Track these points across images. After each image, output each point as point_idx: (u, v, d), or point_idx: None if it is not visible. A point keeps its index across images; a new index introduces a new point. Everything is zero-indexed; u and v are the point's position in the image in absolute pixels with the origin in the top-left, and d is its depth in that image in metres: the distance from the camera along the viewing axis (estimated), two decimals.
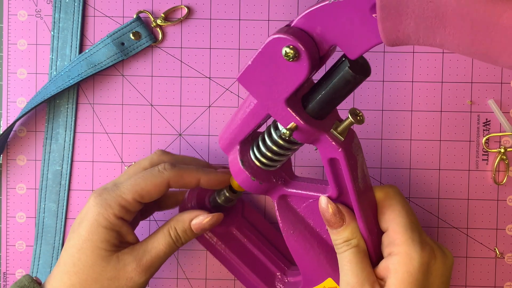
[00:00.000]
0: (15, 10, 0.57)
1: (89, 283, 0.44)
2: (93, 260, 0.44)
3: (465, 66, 0.56)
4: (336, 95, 0.37)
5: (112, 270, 0.44)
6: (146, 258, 0.45)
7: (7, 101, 0.57)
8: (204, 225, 0.46)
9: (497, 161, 0.55)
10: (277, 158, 0.42)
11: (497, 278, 0.56)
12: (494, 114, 0.56)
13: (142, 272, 0.45)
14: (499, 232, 0.56)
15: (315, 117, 0.38)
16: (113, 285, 0.44)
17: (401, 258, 0.38)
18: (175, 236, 0.46)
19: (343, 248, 0.41)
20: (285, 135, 0.38)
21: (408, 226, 0.40)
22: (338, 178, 0.40)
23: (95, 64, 0.55)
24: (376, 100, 0.56)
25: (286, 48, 0.34)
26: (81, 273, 0.44)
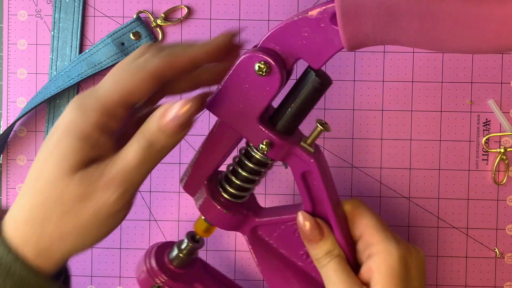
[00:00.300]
0: (15, 10, 0.57)
1: (49, 205, 0.35)
2: (55, 176, 0.35)
3: (465, 66, 0.56)
4: (305, 106, 0.39)
5: (76, 189, 0.35)
6: (115, 171, 0.35)
7: (7, 101, 0.57)
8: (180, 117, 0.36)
9: (497, 161, 0.55)
10: (247, 186, 0.43)
11: (497, 278, 0.56)
12: (494, 114, 0.56)
13: (113, 189, 0.35)
14: (499, 232, 0.56)
15: (285, 133, 0.40)
16: (76, 208, 0.35)
17: (381, 255, 0.40)
18: (144, 142, 0.36)
19: (326, 260, 0.41)
20: (263, 149, 0.39)
21: (381, 227, 0.41)
22: (311, 192, 0.42)
23: (95, 64, 0.55)
24: (376, 100, 0.56)
25: (258, 64, 0.37)
26: (41, 193, 0.35)
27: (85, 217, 0.36)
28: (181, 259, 0.48)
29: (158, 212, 0.57)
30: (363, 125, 0.56)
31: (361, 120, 0.56)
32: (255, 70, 0.37)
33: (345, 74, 0.56)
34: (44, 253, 0.36)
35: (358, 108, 0.56)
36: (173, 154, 0.57)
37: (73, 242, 0.36)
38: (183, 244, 0.48)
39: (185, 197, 0.57)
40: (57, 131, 0.36)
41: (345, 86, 0.56)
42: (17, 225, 0.36)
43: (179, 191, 0.57)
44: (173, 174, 0.57)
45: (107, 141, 0.36)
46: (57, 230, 0.36)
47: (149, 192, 0.57)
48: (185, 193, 0.57)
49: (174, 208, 0.57)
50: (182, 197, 0.57)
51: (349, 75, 0.56)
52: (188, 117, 0.36)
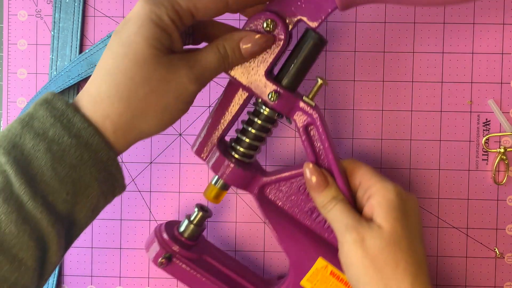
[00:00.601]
0: (15, 10, 0.57)
1: (137, 83, 0.38)
2: (143, 57, 0.38)
3: (465, 66, 0.56)
4: (307, 61, 0.45)
5: (164, 71, 0.39)
6: (198, 67, 0.41)
7: (7, 101, 0.57)
8: (254, 43, 0.42)
9: (497, 161, 0.55)
10: (256, 144, 0.47)
11: (497, 278, 0.56)
12: (494, 114, 0.56)
13: (194, 80, 0.40)
14: (499, 232, 0.56)
15: (288, 88, 0.45)
16: (163, 88, 0.39)
17: (380, 192, 0.44)
18: (224, 53, 0.42)
19: (332, 204, 0.45)
20: (272, 97, 0.45)
21: (376, 173, 0.46)
22: (314, 145, 0.47)
23: (95, 64, 0.55)
24: (376, 100, 0.56)
25: (266, 21, 0.43)
26: (128, 72, 0.38)
27: (168, 97, 0.40)
28: (191, 229, 0.51)
29: (158, 212, 0.57)
30: (363, 125, 0.56)
31: (361, 120, 0.56)
32: (263, 27, 0.43)
33: (345, 74, 0.56)
34: (121, 130, 0.39)
35: (358, 108, 0.56)
36: (173, 154, 0.57)
37: (151, 120, 0.40)
38: (193, 215, 0.51)
39: (185, 197, 0.57)
40: (135, 19, 0.39)
41: (345, 86, 0.56)
42: (98, 101, 0.39)
43: (179, 191, 0.57)
44: (173, 174, 0.57)
45: (178, 36, 0.40)
46: (141, 107, 0.39)
47: (149, 192, 0.57)
48: (185, 193, 0.57)
49: (174, 208, 0.57)
50: (182, 197, 0.57)
51: (349, 75, 0.56)
52: (260, 48, 0.43)
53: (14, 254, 0.37)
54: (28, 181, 0.37)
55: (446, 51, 0.56)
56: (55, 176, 0.37)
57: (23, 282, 0.37)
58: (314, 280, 0.48)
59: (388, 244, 0.42)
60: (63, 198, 0.38)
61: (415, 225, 0.45)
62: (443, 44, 0.56)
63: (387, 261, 0.42)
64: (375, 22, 0.56)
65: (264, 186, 0.49)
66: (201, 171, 0.57)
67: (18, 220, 0.36)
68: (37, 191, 0.37)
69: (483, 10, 0.56)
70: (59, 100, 0.39)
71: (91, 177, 0.39)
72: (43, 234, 0.37)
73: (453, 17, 0.56)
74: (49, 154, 0.37)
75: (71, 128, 0.38)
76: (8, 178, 0.37)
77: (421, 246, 0.45)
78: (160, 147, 0.57)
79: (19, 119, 0.39)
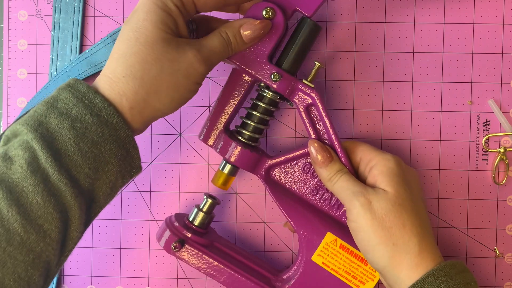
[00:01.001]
0: (15, 10, 0.57)
1: (149, 63, 0.42)
2: (153, 39, 0.42)
3: (465, 66, 0.56)
4: (304, 46, 0.49)
5: (173, 52, 0.42)
6: (204, 50, 0.44)
7: (7, 101, 0.57)
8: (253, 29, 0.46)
9: (497, 161, 0.55)
10: (261, 127, 0.51)
11: (497, 278, 0.56)
12: (494, 114, 0.56)
13: (202, 61, 0.43)
14: (499, 232, 0.56)
15: (289, 72, 0.49)
16: (174, 67, 0.42)
17: (381, 162, 0.47)
18: (227, 38, 0.46)
19: (337, 177, 0.48)
20: (275, 77, 0.48)
21: (376, 148, 0.49)
22: (315, 125, 0.50)
23: (95, 64, 0.55)
24: (376, 100, 0.56)
25: (265, 9, 0.47)
26: (140, 53, 0.42)
27: (178, 76, 0.43)
28: (202, 217, 0.52)
29: (158, 212, 0.57)
30: (363, 125, 0.56)
31: (361, 120, 0.56)
32: (262, 15, 0.47)
33: (345, 74, 0.56)
34: (137, 108, 0.42)
35: (358, 108, 0.56)
36: (173, 154, 0.57)
37: (164, 98, 0.43)
38: (202, 203, 0.53)
39: (185, 197, 0.57)
40: (142, 7, 0.42)
41: (345, 86, 0.56)
42: (114, 81, 0.42)
43: (179, 191, 0.57)
44: (173, 174, 0.57)
45: (182, 21, 0.44)
46: (154, 85, 0.42)
47: (149, 192, 0.57)
48: (185, 193, 0.57)
49: (174, 208, 0.57)
50: (182, 197, 0.57)
51: (349, 75, 0.56)
52: (259, 34, 0.47)
53: (40, 225, 0.39)
54: (54, 155, 0.39)
55: (446, 51, 0.56)
56: (78, 151, 0.40)
57: (47, 254, 0.39)
58: (325, 254, 0.51)
59: (394, 205, 0.45)
60: (85, 173, 0.41)
61: (416, 191, 0.48)
62: (443, 44, 0.56)
63: (394, 222, 0.45)
64: (375, 22, 0.56)
65: (270, 168, 0.52)
66: (201, 171, 0.57)
67: (44, 191, 0.39)
68: (62, 165, 0.40)
69: (483, 10, 0.56)
70: (81, 84, 0.42)
71: (111, 154, 0.42)
72: (66, 207, 0.40)
73: (453, 17, 0.56)
74: (73, 131, 0.40)
75: (93, 108, 0.41)
76: (35, 153, 0.39)
77: (424, 210, 0.47)
78: (160, 147, 0.57)
79: (44, 102, 0.42)
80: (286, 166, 0.52)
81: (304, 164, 0.51)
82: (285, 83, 0.49)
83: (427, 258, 0.45)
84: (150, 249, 0.57)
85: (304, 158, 0.51)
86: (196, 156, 0.57)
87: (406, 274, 0.45)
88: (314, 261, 0.51)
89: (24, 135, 0.40)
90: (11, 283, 0.38)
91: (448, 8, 0.56)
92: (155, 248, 0.57)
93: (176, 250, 0.50)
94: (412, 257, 0.45)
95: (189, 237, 0.51)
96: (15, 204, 0.38)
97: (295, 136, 0.57)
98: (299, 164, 0.51)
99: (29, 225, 0.38)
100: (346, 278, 0.51)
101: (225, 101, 0.51)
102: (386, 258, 0.45)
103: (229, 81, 0.50)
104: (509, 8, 0.56)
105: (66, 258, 0.42)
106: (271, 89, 0.50)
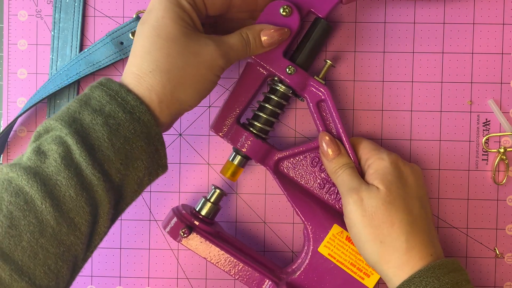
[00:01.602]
0: (15, 10, 0.57)
1: (173, 57, 0.43)
2: (175, 34, 0.43)
3: (465, 66, 0.56)
4: (318, 44, 0.52)
5: (195, 45, 0.44)
6: (224, 46, 0.46)
7: (7, 101, 0.57)
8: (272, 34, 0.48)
9: (497, 161, 0.55)
10: (272, 120, 0.52)
11: (497, 278, 0.56)
12: (494, 114, 0.56)
13: (222, 55, 0.45)
14: (499, 232, 0.56)
15: (302, 67, 0.51)
16: (197, 60, 0.44)
17: (376, 162, 0.49)
18: (247, 39, 0.47)
19: (342, 170, 0.50)
20: (290, 71, 0.50)
21: (374, 147, 0.51)
22: (325, 120, 0.52)
23: (94, 63, 0.55)
24: (376, 100, 0.56)
25: (282, 7, 0.49)
26: (164, 48, 0.43)
27: (201, 68, 0.44)
28: (209, 207, 0.53)
29: (158, 212, 0.57)
30: (363, 125, 0.56)
31: (361, 120, 0.56)
32: (279, 12, 0.49)
33: (345, 74, 0.56)
34: (165, 101, 0.44)
35: (358, 108, 0.56)
36: (173, 154, 0.57)
37: (190, 90, 0.44)
38: (209, 194, 0.53)
39: (185, 197, 0.57)
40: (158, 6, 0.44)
41: (345, 86, 0.56)
42: (142, 77, 0.43)
43: (179, 191, 0.57)
44: (173, 174, 0.57)
45: (197, 19, 0.45)
46: (180, 77, 0.43)
47: (149, 192, 0.57)
48: (185, 193, 0.57)
49: None
50: (182, 197, 0.57)
51: (349, 75, 0.56)
52: (277, 40, 0.49)
53: (72, 218, 0.40)
54: (87, 150, 0.40)
55: (446, 51, 0.56)
56: (111, 146, 0.41)
57: (75, 248, 0.41)
58: (331, 246, 0.52)
59: (384, 203, 0.46)
60: (117, 168, 0.42)
61: (412, 189, 0.48)
62: (443, 44, 0.56)
63: (383, 220, 0.46)
64: (375, 22, 0.56)
65: (279, 161, 0.53)
66: (201, 171, 0.57)
67: (77, 185, 0.40)
68: (95, 159, 0.41)
69: (483, 10, 0.56)
70: (113, 82, 0.43)
71: (141, 150, 0.43)
72: (97, 201, 0.41)
73: (453, 17, 0.56)
74: (106, 127, 0.41)
75: (126, 105, 0.42)
76: (69, 147, 0.40)
77: (418, 208, 0.48)
78: None
79: (77, 99, 0.43)
80: (295, 159, 0.53)
81: (313, 157, 0.53)
82: (298, 78, 0.51)
83: (415, 257, 0.46)
84: (150, 249, 0.57)
85: (312, 151, 0.53)
86: (196, 156, 0.57)
87: (394, 272, 0.46)
88: (321, 252, 0.52)
89: (58, 130, 0.41)
90: (41, 274, 0.39)
91: (448, 8, 0.56)
92: (155, 248, 0.57)
93: (185, 236, 0.51)
94: (399, 255, 0.46)
95: (196, 225, 0.52)
96: (49, 196, 0.39)
97: (295, 136, 0.57)
98: (308, 157, 0.53)
99: (61, 217, 0.39)
100: (351, 270, 0.52)
101: (239, 94, 0.52)
102: (375, 255, 0.47)
103: (244, 75, 0.52)
104: (509, 8, 0.56)
105: (91, 253, 0.43)
106: (284, 83, 0.51)
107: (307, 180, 0.53)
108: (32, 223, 0.39)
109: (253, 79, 0.52)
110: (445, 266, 0.45)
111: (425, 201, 0.49)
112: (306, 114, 0.56)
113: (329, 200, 0.53)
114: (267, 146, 0.52)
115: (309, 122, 0.56)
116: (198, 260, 0.57)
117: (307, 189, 0.53)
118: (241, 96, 0.52)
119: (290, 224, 0.57)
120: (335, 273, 0.52)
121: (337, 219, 0.52)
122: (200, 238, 0.51)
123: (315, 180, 0.53)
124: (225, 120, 0.52)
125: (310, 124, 0.56)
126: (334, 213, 0.52)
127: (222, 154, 0.57)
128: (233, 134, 0.52)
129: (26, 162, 0.40)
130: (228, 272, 0.52)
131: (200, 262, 0.57)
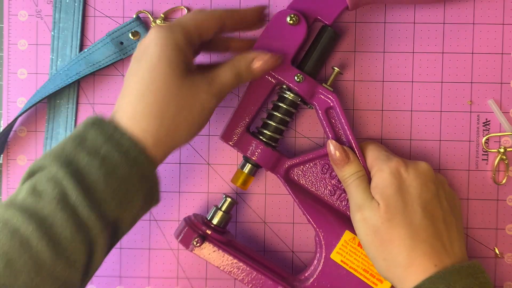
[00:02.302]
0: (15, 10, 0.57)
1: (166, 102, 0.43)
2: (170, 79, 0.43)
3: (465, 66, 0.56)
4: (325, 51, 0.52)
5: (188, 90, 0.44)
6: (216, 84, 0.46)
7: (7, 101, 0.57)
8: (264, 62, 0.48)
9: (497, 161, 0.55)
10: (282, 127, 0.53)
11: (497, 278, 0.56)
12: (494, 114, 0.56)
13: (213, 96, 0.46)
14: (499, 232, 0.56)
15: (310, 75, 0.52)
16: (189, 103, 0.44)
17: (376, 174, 0.49)
18: (239, 70, 0.47)
19: (352, 178, 0.50)
20: (298, 79, 0.51)
21: (378, 154, 0.50)
22: (334, 127, 0.53)
23: (94, 63, 0.55)
24: (376, 100, 0.56)
25: (289, 16, 0.50)
26: (158, 93, 0.43)
27: (195, 112, 0.45)
28: (221, 216, 0.53)
29: (158, 212, 0.57)
30: (362, 125, 0.56)
31: (361, 120, 0.56)
32: (287, 21, 0.50)
33: (345, 74, 0.56)
34: (159, 144, 0.44)
35: (358, 108, 0.56)
36: (173, 155, 0.57)
37: (183, 132, 0.45)
38: (221, 203, 0.54)
39: (185, 197, 0.57)
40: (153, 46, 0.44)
41: (345, 86, 0.56)
42: (137, 119, 0.43)
43: (179, 191, 0.57)
44: (173, 174, 0.57)
45: (191, 54, 0.46)
46: (173, 122, 0.44)
47: None
48: (185, 193, 0.57)
49: (174, 208, 0.57)
50: (182, 197, 0.57)
51: (349, 75, 0.56)
52: (270, 67, 0.49)
53: (67, 257, 0.41)
54: (83, 192, 0.41)
55: (446, 51, 0.56)
56: (107, 188, 0.42)
57: (71, 281, 0.41)
58: (343, 252, 0.52)
59: (383, 222, 0.46)
60: (112, 208, 0.42)
61: (413, 197, 0.47)
62: (443, 44, 0.56)
63: (384, 238, 0.47)
64: (375, 22, 0.56)
65: (290, 168, 0.53)
66: (201, 171, 0.57)
67: (73, 226, 0.40)
68: (91, 201, 0.41)
69: (483, 10, 0.56)
70: (106, 123, 0.43)
71: (137, 190, 0.43)
72: (93, 240, 0.42)
73: (453, 17, 0.56)
74: (103, 169, 0.42)
75: (121, 147, 0.43)
76: (65, 189, 0.41)
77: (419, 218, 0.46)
78: None
79: (71, 139, 0.43)
80: (305, 166, 0.53)
81: (323, 164, 0.53)
82: (307, 85, 0.51)
83: (417, 271, 0.45)
84: (150, 249, 0.57)
85: (322, 158, 0.53)
86: (196, 156, 0.57)
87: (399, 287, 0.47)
88: (333, 259, 0.52)
89: (53, 171, 0.41)
90: None
91: (448, 8, 0.56)
92: (155, 248, 0.57)
93: (197, 245, 0.51)
94: (401, 271, 0.46)
95: (209, 234, 0.52)
96: (45, 238, 0.40)
97: (295, 136, 0.57)
98: (318, 164, 0.53)
99: (57, 256, 0.40)
100: (364, 276, 0.52)
101: (248, 103, 0.52)
102: (382, 270, 0.48)
103: (252, 84, 0.52)
104: (509, 8, 0.56)
105: (89, 279, 0.44)
106: (292, 91, 0.52)
107: (318, 187, 0.53)
108: (28, 263, 0.39)
109: (262, 88, 0.52)
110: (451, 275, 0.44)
111: (431, 206, 0.47)
112: (315, 120, 0.56)
113: (340, 207, 0.53)
114: (277, 154, 0.52)
115: (316, 128, 0.56)
116: (198, 260, 0.57)
117: (318, 196, 0.53)
118: (250, 105, 0.52)
119: (290, 224, 0.57)
120: (348, 279, 0.52)
121: (349, 225, 0.51)
122: (212, 247, 0.52)
123: (325, 187, 0.53)
124: (235, 129, 0.52)
125: (319, 131, 0.57)
126: (346, 219, 0.52)
127: (222, 154, 0.57)
128: (243, 143, 0.52)
129: (22, 202, 0.41)
130: (242, 280, 0.52)
131: (200, 262, 0.57)
